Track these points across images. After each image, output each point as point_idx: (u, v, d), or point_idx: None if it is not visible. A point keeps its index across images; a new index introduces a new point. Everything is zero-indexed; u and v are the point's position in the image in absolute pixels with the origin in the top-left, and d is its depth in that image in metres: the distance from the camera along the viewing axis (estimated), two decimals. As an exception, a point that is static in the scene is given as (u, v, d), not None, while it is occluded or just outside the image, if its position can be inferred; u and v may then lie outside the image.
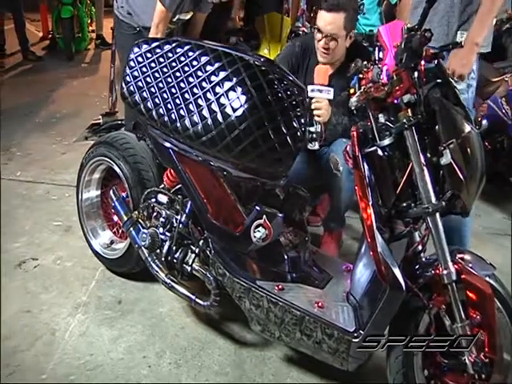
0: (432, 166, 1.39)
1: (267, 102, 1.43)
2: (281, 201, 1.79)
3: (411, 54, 1.31)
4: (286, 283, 1.64)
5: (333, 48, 1.92)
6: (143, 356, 1.79)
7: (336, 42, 1.91)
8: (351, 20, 1.90)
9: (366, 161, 1.45)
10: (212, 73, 1.49)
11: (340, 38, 1.91)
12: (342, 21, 1.88)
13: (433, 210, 1.37)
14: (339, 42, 1.91)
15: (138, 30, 2.38)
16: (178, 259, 1.75)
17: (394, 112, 1.41)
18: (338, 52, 1.96)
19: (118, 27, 2.47)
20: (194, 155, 1.59)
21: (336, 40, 1.91)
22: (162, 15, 2.21)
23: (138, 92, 1.63)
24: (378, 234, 1.41)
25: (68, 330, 1.87)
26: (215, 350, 1.84)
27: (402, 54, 1.31)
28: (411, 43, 1.29)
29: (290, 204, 1.79)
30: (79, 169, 2.08)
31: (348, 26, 1.90)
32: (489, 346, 1.45)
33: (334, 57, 1.97)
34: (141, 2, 2.33)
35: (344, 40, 1.93)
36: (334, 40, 1.91)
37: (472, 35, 1.75)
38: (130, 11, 2.38)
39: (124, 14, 2.40)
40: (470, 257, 1.48)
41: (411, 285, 1.42)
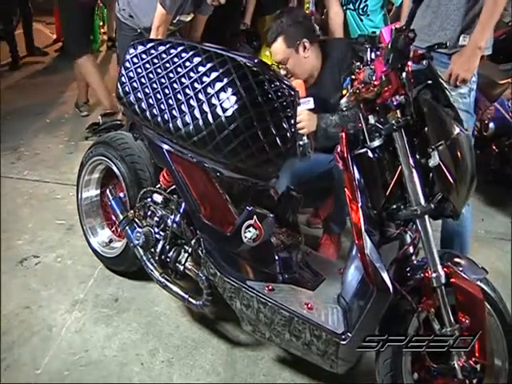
0: (422, 168, 1.38)
1: (256, 102, 1.43)
2: (274, 202, 1.80)
3: (397, 55, 1.30)
4: (277, 284, 1.64)
5: (292, 70, 1.99)
6: (136, 354, 1.81)
7: (291, 64, 1.97)
8: (293, 36, 1.94)
9: (356, 162, 1.44)
10: (204, 73, 1.50)
11: (290, 56, 1.96)
12: (282, 44, 1.95)
13: (421, 212, 1.36)
14: (293, 60, 1.97)
15: (139, 31, 2.42)
16: (172, 258, 1.77)
17: (384, 113, 1.40)
18: (301, 67, 2.00)
19: (120, 29, 2.50)
20: (187, 155, 1.61)
21: (287, 62, 1.97)
22: (162, 18, 2.24)
23: (133, 93, 1.65)
24: (367, 236, 1.40)
25: (64, 326, 1.91)
26: (208, 349, 1.85)
27: (388, 54, 1.31)
28: (397, 44, 1.29)
29: (284, 205, 1.79)
30: (79, 168, 2.12)
31: (292, 43, 1.95)
32: (479, 350, 1.44)
33: (301, 72, 2.01)
34: (142, 4, 2.36)
35: (297, 54, 1.97)
36: (286, 64, 1.98)
37: (475, 39, 1.73)
38: (131, 13, 2.42)
39: (125, 17, 2.44)
40: (460, 260, 1.47)
41: (400, 287, 1.41)
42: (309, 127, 1.86)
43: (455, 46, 1.78)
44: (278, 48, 1.98)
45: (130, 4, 2.41)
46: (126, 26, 2.44)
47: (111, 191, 1.93)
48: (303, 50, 1.98)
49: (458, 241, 1.99)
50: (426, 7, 1.82)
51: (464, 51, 1.74)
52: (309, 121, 1.86)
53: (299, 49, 1.98)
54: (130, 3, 2.41)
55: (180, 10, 2.34)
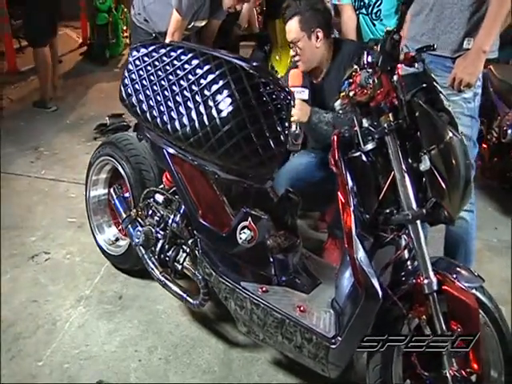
0: (415, 172, 1.37)
1: (250, 105, 1.45)
2: (273, 204, 1.81)
3: (386, 57, 1.29)
4: (271, 286, 1.65)
5: (300, 53, 1.95)
6: (135, 350, 1.85)
7: (300, 47, 1.94)
8: (309, 20, 1.92)
9: (349, 166, 1.44)
10: (201, 76, 1.53)
11: (301, 40, 1.93)
12: (297, 24, 1.92)
13: (413, 217, 1.34)
14: (303, 44, 1.94)
15: (154, 35, 2.46)
16: (170, 258, 1.81)
17: (377, 116, 1.39)
18: (310, 54, 1.97)
19: (135, 33, 2.56)
20: (184, 156, 1.64)
21: (299, 44, 1.94)
22: (178, 24, 2.28)
23: (135, 94, 1.69)
24: (358, 240, 1.40)
25: (68, 321, 1.96)
26: (206, 348, 1.87)
27: (377, 57, 1.30)
28: (385, 46, 1.28)
29: (282, 208, 1.80)
30: (87, 168, 2.19)
31: (306, 27, 1.92)
32: (473, 360, 1.41)
33: (308, 60, 1.98)
34: (157, 9, 2.41)
35: (309, 40, 1.94)
36: (296, 44, 1.94)
37: (479, 42, 1.70)
38: (146, 18, 2.47)
39: (141, 21, 2.49)
40: (455, 268, 1.44)
41: (391, 293, 1.40)
42: (299, 116, 1.84)
43: (459, 49, 1.75)
44: (291, 26, 1.96)
45: (145, 8, 2.46)
46: (141, 31, 2.50)
47: (115, 190, 1.98)
48: (316, 39, 1.96)
49: (461, 247, 1.96)
50: (429, 11, 1.80)
51: (468, 55, 1.71)
52: (300, 110, 1.85)
53: (312, 36, 1.96)
54: (146, 8, 2.46)
55: (195, 16, 2.38)
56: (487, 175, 3.19)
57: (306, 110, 1.89)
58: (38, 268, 2.25)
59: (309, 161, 2.18)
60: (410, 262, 1.48)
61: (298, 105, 1.85)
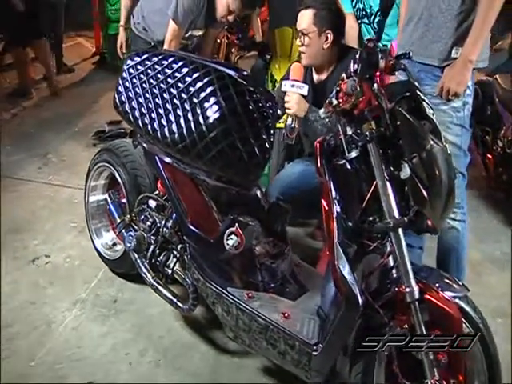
0: (398, 180, 1.37)
1: (236, 112, 1.48)
2: (264, 212, 1.83)
3: (365, 65, 1.31)
4: (258, 292, 1.66)
5: (306, 44, 1.93)
6: (126, 353, 1.88)
7: (308, 39, 1.92)
8: (323, 19, 1.90)
9: (334, 173, 1.45)
10: (190, 84, 1.57)
11: (311, 33, 1.91)
12: (311, 17, 1.90)
13: (394, 225, 1.35)
14: (311, 39, 1.91)
15: (153, 44, 2.51)
16: (161, 262, 1.84)
17: (360, 124, 1.41)
18: (315, 51, 1.94)
19: (135, 42, 2.62)
20: (174, 163, 1.67)
21: (308, 36, 1.91)
22: (174, 33, 2.33)
23: (128, 102, 1.74)
24: (340, 247, 1.40)
25: (63, 323, 2.01)
26: (196, 353, 1.89)
27: (357, 65, 1.32)
28: (364, 54, 1.30)
29: (272, 215, 1.81)
30: (86, 173, 2.24)
31: (319, 24, 1.90)
32: (455, 370, 1.40)
33: (312, 56, 1.96)
34: (155, 18, 2.46)
35: (318, 38, 1.92)
36: (305, 36, 1.92)
37: (466, 52, 1.70)
38: (145, 27, 2.53)
39: (140, 30, 2.55)
40: (438, 277, 1.44)
41: (372, 301, 1.40)
42: (296, 110, 1.83)
43: (447, 58, 1.75)
44: (304, 16, 1.93)
45: (144, 18, 2.52)
46: (140, 40, 2.56)
47: (111, 196, 2.02)
48: (325, 39, 1.94)
49: (453, 257, 1.94)
50: (418, 20, 1.81)
51: (455, 64, 1.71)
52: (297, 104, 1.83)
53: (322, 35, 1.93)
54: (145, 17, 2.52)
55: (192, 25, 2.43)
56: (493, 186, 3.16)
57: (304, 106, 1.87)
58: (38, 271, 2.30)
59: (304, 169, 2.19)
60: (395, 270, 1.48)
61: (296, 99, 1.84)
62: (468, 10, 1.70)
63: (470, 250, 2.60)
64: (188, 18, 2.35)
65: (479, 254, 2.61)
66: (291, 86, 1.85)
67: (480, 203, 3.11)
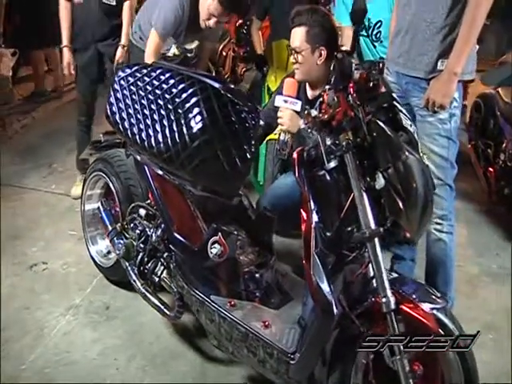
0: (375, 191, 1.38)
1: (217, 123, 1.52)
2: (250, 221, 1.85)
3: (339, 76, 1.34)
4: (241, 300, 1.68)
5: (300, 61, 1.94)
6: (115, 358, 1.91)
7: (301, 56, 1.93)
8: (316, 36, 1.91)
9: (313, 183, 1.48)
10: (175, 95, 1.61)
11: (304, 51, 1.92)
12: (304, 34, 1.91)
13: (370, 235, 1.36)
14: (305, 56, 1.93)
15: None
16: (149, 270, 1.87)
17: (338, 135, 1.43)
18: (309, 68, 1.96)
19: (132, 51, 2.69)
20: (161, 172, 1.72)
21: (301, 54, 1.93)
22: (155, 44, 2.36)
23: (119, 112, 1.79)
24: (316, 257, 1.41)
25: (56, 328, 2.05)
26: (183, 360, 1.91)
27: (331, 76, 1.35)
28: (338, 66, 1.33)
29: (259, 225, 1.84)
30: (83, 182, 2.30)
31: (312, 41, 1.91)
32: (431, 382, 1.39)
33: (306, 72, 1.97)
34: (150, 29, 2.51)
35: (311, 55, 1.93)
36: (299, 53, 1.94)
37: (450, 65, 1.71)
38: (141, 36, 2.59)
39: (137, 39, 2.62)
40: (416, 288, 1.44)
41: (348, 311, 1.41)
42: (288, 126, 1.85)
43: (434, 71, 1.76)
44: (297, 34, 1.95)
45: (140, 28, 2.59)
46: (136, 49, 2.62)
47: (103, 204, 2.07)
48: (318, 56, 1.96)
49: (441, 269, 1.94)
50: (404, 33, 1.83)
51: (440, 77, 1.73)
52: (290, 120, 1.85)
53: (315, 51, 1.95)
54: (141, 27, 2.59)
55: (180, 38, 2.46)
56: (494, 200, 3.13)
57: (297, 122, 1.87)
58: (36, 277, 2.36)
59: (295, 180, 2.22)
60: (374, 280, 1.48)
61: (288, 115, 1.86)
62: (453, 23, 1.72)
63: (467, 264, 2.62)
64: (169, 30, 2.37)
65: (477, 267, 2.59)
66: (284, 101, 1.87)
67: (481, 217, 3.09)
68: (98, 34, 2.82)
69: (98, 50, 2.86)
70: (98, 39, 2.83)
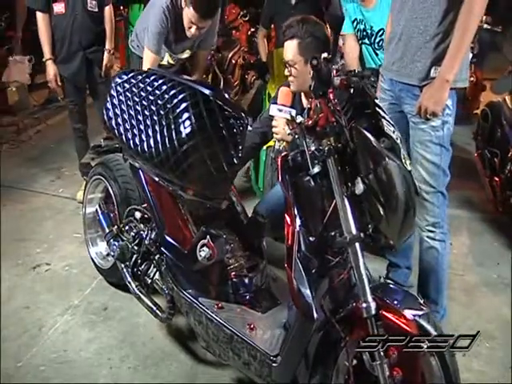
0: (357, 196, 1.40)
1: (205, 128, 1.56)
2: (242, 226, 1.88)
3: (318, 83, 1.36)
4: (228, 303, 1.71)
5: (294, 74, 1.95)
6: (109, 358, 1.95)
7: (295, 69, 1.94)
8: (308, 47, 1.91)
9: (297, 188, 1.50)
10: (167, 101, 1.66)
11: (297, 63, 1.93)
12: (296, 47, 1.92)
13: (350, 240, 1.37)
14: (299, 68, 1.93)
15: None
16: (142, 272, 1.91)
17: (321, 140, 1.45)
18: (303, 79, 1.93)
19: (131, 58, 2.77)
20: (154, 176, 1.76)
21: (294, 67, 1.94)
22: (151, 60, 2.42)
23: (115, 118, 1.84)
24: (298, 262, 1.43)
25: (53, 327, 2.10)
26: (174, 362, 1.94)
27: (311, 82, 1.38)
28: (317, 72, 1.35)
29: (250, 230, 1.86)
30: (84, 185, 2.36)
31: (304, 52, 1.91)
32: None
33: (300, 84, 1.97)
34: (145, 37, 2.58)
35: (305, 66, 1.91)
36: (292, 66, 1.95)
37: (443, 72, 1.72)
38: (138, 45, 2.66)
39: (134, 47, 2.69)
40: (398, 294, 1.45)
41: (329, 315, 1.42)
42: (283, 135, 1.87)
43: (426, 78, 1.77)
44: (290, 47, 1.96)
45: (137, 35, 2.66)
46: (135, 56, 2.69)
47: (100, 207, 2.13)
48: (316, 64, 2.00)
49: (433, 277, 1.93)
50: (398, 40, 1.85)
51: (433, 84, 1.73)
52: (283, 129, 1.85)
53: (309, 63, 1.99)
54: (138, 35, 2.65)
55: (171, 48, 2.52)
56: (500, 209, 3.09)
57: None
58: (38, 277, 2.42)
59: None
60: (356, 286, 1.49)
61: (283, 124, 1.87)
62: (446, 31, 1.73)
63: (467, 273, 2.60)
64: (160, 42, 2.44)
65: (476, 276, 2.57)
66: (279, 110, 1.89)
67: (484, 226, 3.05)
68: (84, 41, 2.87)
69: (87, 57, 2.90)
70: (86, 46, 2.88)
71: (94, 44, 2.90)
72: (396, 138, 1.41)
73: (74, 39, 2.85)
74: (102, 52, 2.90)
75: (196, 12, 2.28)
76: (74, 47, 2.86)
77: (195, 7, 2.27)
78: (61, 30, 2.84)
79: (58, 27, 2.84)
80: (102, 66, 2.91)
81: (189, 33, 2.40)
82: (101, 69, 2.91)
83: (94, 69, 2.93)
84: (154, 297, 1.99)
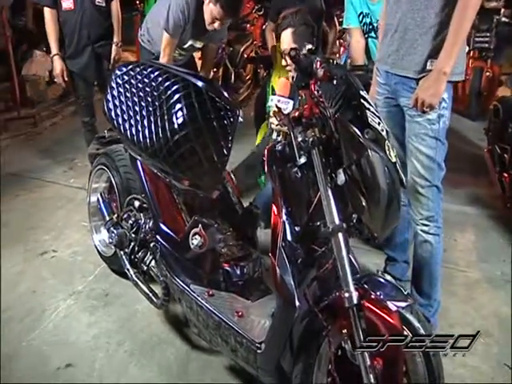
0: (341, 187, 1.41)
1: (196, 119, 1.59)
2: (237, 216, 1.92)
3: (301, 74, 1.37)
4: (219, 291, 1.75)
5: (290, 63, 1.93)
6: (106, 342, 2.02)
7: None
8: (302, 34, 1.96)
9: (283, 178, 1.52)
10: (161, 92, 1.70)
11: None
12: (290, 36, 1.97)
13: (333, 230, 1.38)
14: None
15: (156, 55, 2.69)
16: (139, 259, 1.97)
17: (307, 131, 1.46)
18: None
19: (141, 53, 2.83)
20: (150, 166, 1.81)
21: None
22: (167, 41, 2.54)
23: (114, 109, 1.89)
24: (283, 251, 1.45)
25: (56, 310, 2.19)
26: (169, 348, 1.99)
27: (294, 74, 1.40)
28: (299, 64, 1.37)
29: (244, 220, 1.89)
30: (89, 175, 2.44)
31: (298, 40, 1.95)
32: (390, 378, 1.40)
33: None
34: (158, 31, 2.64)
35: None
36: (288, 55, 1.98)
37: (439, 65, 1.70)
38: (149, 39, 2.72)
39: (145, 41, 2.75)
40: (382, 285, 1.45)
41: (312, 304, 1.44)
42: (281, 125, 1.86)
43: (423, 70, 1.76)
44: (286, 37, 2.04)
45: (148, 31, 2.72)
46: (145, 51, 2.76)
47: (102, 196, 2.19)
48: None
49: (426, 271, 1.92)
50: (394, 32, 1.83)
51: (429, 76, 1.71)
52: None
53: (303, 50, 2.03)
54: (149, 30, 2.72)
55: (187, 35, 2.58)
56: (508, 205, 3.04)
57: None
58: (44, 263, 2.51)
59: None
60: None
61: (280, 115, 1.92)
62: (442, 23, 1.71)
63: (470, 269, 2.57)
64: (178, 29, 2.52)
65: (479, 272, 2.54)
66: (277, 101, 1.93)
67: (491, 223, 3.01)
68: (93, 35, 2.94)
69: (95, 52, 2.98)
70: (94, 41, 2.95)
71: (102, 38, 2.98)
72: (381, 129, 1.41)
73: (82, 34, 2.92)
74: (110, 45, 2.97)
75: (223, 10, 2.34)
76: (82, 42, 2.94)
77: (223, 6, 2.33)
78: (70, 26, 2.91)
79: (67, 23, 2.91)
80: (110, 59, 2.97)
81: (210, 27, 2.47)
82: (109, 62, 2.98)
83: (103, 62, 3.00)
84: (152, 284, 2.05)
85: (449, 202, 3.15)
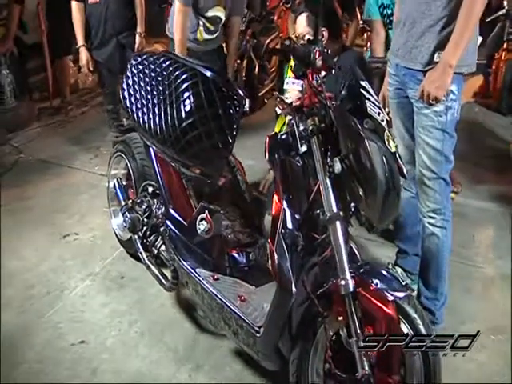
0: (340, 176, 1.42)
1: (202, 107, 1.64)
2: (246, 204, 1.96)
3: (298, 64, 1.39)
4: (224, 276, 1.80)
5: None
6: (119, 321, 2.11)
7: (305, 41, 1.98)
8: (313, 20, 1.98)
9: (285, 166, 1.55)
10: (171, 81, 1.75)
11: (307, 35, 1.99)
12: (305, 20, 2.01)
13: (330, 218, 1.40)
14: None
15: None
16: (150, 243, 2.04)
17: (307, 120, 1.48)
18: None
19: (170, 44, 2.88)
20: (160, 152, 1.87)
21: (304, 38, 1.95)
22: (180, 12, 2.55)
23: (128, 97, 1.97)
24: (281, 237, 1.48)
25: (74, 290, 2.29)
26: (178, 330, 2.06)
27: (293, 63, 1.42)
28: (298, 53, 1.39)
29: (252, 208, 1.93)
30: (108, 161, 2.53)
31: (312, 24, 1.99)
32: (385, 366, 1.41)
33: None
34: None
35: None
36: (302, 38, 1.99)
37: (446, 57, 1.68)
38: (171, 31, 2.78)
39: (171, 32, 2.81)
40: (380, 274, 1.46)
41: (309, 291, 1.47)
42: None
43: (430, 63, 1.74)
44: (300, 21, 2.09)
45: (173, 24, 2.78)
46: (172, 42, 2.81)
47: (118, 181, 2.27)
48: (321, 37, 1.93)
49: (433, 264, 1.91)
50: (402, 25, 1.82)
51: (436, 69, 1.70)
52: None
53: (317, 34, 1.99)
54: (170, 21, 2.78)
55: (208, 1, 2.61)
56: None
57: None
58: (66, 245, 2.63)
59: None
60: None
61: (294, 95, 1.94)
62: (450, 15, 1.69)
63: (486, 266, 2.52)
64: None
65: (494, 269, 2.49)
66: (292, 83, 1.98)
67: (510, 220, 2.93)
68: (118, 26, 3.05)
69: (120, 42, 3.09)
70: (119, 32, 3.06)
71: (127, 29, 3.08)
72: (381, 119, 1.42)
73: (107, 26, 3.04)
74: (134, 36, 3.06)
75: None
76: (107, 33, 3.05)
77: None
78: (95, 18, 3.04)
79: (93, 15, 3.04)
80: (134, 49, 3.07)
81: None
82: (133, 52, 3.07)
83: (127, 52, 3.09)
84: (163, 268, 2.12)
85: (470, 198, 3.11)
